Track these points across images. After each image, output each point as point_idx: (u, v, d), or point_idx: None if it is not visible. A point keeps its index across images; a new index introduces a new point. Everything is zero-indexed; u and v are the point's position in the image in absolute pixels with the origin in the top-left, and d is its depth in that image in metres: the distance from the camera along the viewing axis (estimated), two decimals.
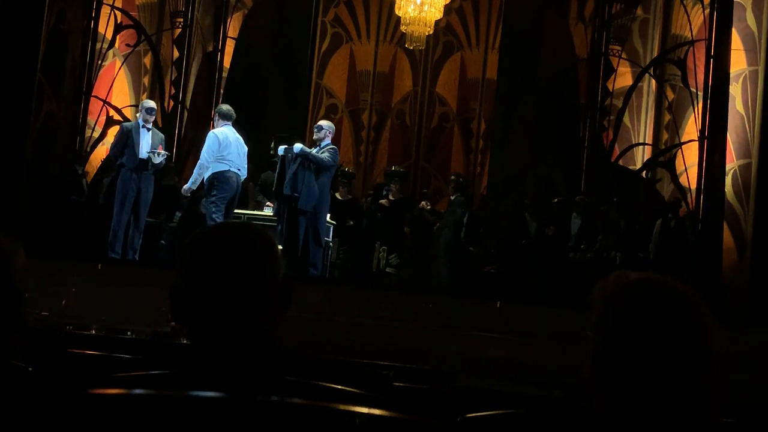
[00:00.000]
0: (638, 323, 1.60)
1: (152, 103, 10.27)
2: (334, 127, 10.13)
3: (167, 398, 1.04)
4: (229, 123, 9.81)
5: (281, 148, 9.89)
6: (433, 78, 17.37)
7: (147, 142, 9.75)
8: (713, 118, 11.43)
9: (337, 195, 12.33)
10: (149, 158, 9.73)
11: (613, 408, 1.61)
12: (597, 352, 1.63)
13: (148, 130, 9.82)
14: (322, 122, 10.18)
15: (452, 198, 12.39)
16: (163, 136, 10.16)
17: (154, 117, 10.10)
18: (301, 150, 9.70)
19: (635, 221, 11.81)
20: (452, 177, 13.13)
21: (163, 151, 9.91)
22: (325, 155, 9.69)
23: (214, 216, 9.50)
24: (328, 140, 9.86)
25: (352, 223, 11.86)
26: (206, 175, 9.71)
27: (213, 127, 10.13)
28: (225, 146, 9.62)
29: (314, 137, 10.09)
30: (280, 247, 7.51)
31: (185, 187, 10.05)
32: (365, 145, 17.43)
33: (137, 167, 9.69)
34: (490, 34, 16.74)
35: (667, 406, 1.58)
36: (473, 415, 1.65)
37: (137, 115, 10.40)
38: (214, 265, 1.78)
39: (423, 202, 12.83)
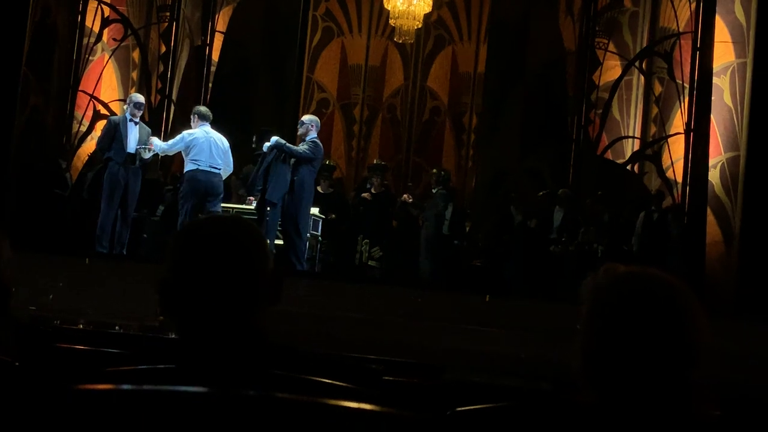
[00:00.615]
0: (628, 316, 1.60)
1: (141, 98, 10.25)
2: (317, 121, 10.09)
3: (156, 393, 1.03)
4: (207, 124, 9.87)
5: (266, 146, 9.91)
6: (424, 72, 17.38)
7: (134, 136, 9.74)
8: (699, 111, 11.45)
9: (319, 188, 12.34)
10: (138, 153, 9.73)
11: (602, 400, 1.61)
12: (586, 345, 1.63)
13: (136, 123, 9.80)
14: (304, 117, 10.21)
15: (434, 191, 12.40)
16: (150, 130, 10.15)
17: (142, 111, 10.09)
18: (276, 141, 9.74)
19: (619, 214, 11.83)
20: (434, 170, 13.17)
21: (153, 147, 9.95)
22: (302, 147, 9.69)
23: (180, 211, 9.74)
24: (312, 134, 9.83)
25: (334, 216, 11.82)
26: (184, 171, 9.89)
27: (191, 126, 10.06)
28: (193, 146, 9.74)
29: (298, 133, 10.07)
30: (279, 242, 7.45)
31: (158, 145, 9.97)
32: (357, 139, 17.43)
33: (125, 161, 9.68)
34: (481, 27, 16.75)
35: (655, 398, 1.58)
36: (463, 408, 1.65)
37: (124, 108, 10.37)
38: (203, 258, 1.77)
39: (405, 195, 12.83)
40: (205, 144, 9.75)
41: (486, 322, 7.89)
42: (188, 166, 9.76)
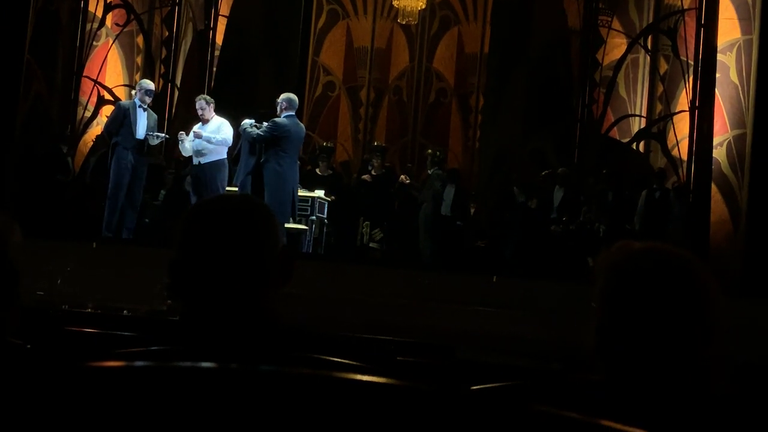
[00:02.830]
0: (644, 293, 1.58)
1: (151, 84, 10.32)
2: (290, 98, 9.65)
3: (167, 370, 1.02)
4: None
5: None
6: (429, 53, 17.32)
7: (143, 123, 9.78)
8: (704, 89, 11.39)
9: (318, 170, 12.30)
10: (146, 140, 9.77)
11: (616, 378, 1.60)
12: (601, 322, 1.62)
13: (144, 110, 9.82)
14: (280, 96, 9.84)
15: (430, 172, 12.40)
16: (156, 116, 10.17)
17: (151, 98, 10.10)
18: (240, 125, 9.69)
19: (623, 193, 11.80)
20: (429, 151, 13.17)
21: (162, 134, 10.02)
22: (257, 129, 9.51)
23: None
24: (286, 113, 9.60)
25: (333, 198, 11.77)
26: (210, 159, 9.80)
27: (206, 115, 9.95)
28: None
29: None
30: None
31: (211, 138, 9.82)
32: (363, 122, 17.40)
33: (133, 147, 9.70)
34: (487, 7, 16.62)
35: (670, 376, 1.57)
36: (476, 387, 1.64)
37: (133, 93, 10.39)
38: (213, 237, 1.75)
39: (402, 176, 12.81)
40: None
41: (493, 302, 7.89)
42: (224, 153, 9.91)
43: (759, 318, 7.33)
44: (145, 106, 9.84)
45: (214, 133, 9.79)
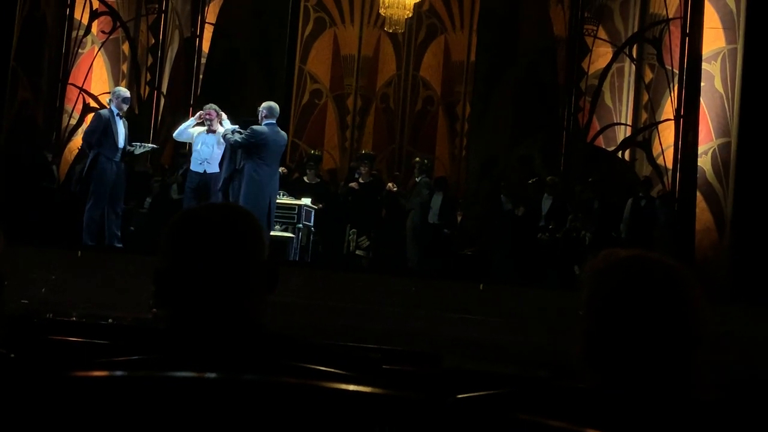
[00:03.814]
0: (628, 300, 1.59)
1: (128, 92, 10.23)
2: (270, 106, 9.54)
3: (152, 379, 1.02)
4: None
5: None
6: (416, 61, 17.35)
7: (122, 131, 9.70)
8: (688, 97, 11.46)
9: (305, 178, 12.30)
10: (130, 150, 9.73)
11: (604, 385, 1.61)
12: (588, 329, 1.62)
13: (121, 117, 9.76)
14: (261, 105, 9.75)
15: (417, 180, 12.43)
16: (127, 122, 10.04)
17: (128, 105, 10.05)
18: (223, 131, 9.62)
19: (608, 201, 11.84)
20: (416, 159, 13.20)
21: (149, 145, 9.96)
22: (235, 136, 9.47)
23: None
24: (266, 121, 9.54)
25: (321, 206, 11.75)
26: (214, 169, 9.73)
27: (214, 124, 9.82)
28: None
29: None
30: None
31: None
32: (350, 130, 17.40)
33: (115, 156, 9.63)
34: (474, 16, 16.66)
35: (656, 383, 1.58)
36: (463, 396, 1.64)
37: (109, 102, 10.29)
38: (198, 245, 1.75)
39: (390, 184, 12.82)
40: None
41: (480, 310, 7.90)
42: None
43: (744, 325, 7.36)
44: (122, 114, 9.78)
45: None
